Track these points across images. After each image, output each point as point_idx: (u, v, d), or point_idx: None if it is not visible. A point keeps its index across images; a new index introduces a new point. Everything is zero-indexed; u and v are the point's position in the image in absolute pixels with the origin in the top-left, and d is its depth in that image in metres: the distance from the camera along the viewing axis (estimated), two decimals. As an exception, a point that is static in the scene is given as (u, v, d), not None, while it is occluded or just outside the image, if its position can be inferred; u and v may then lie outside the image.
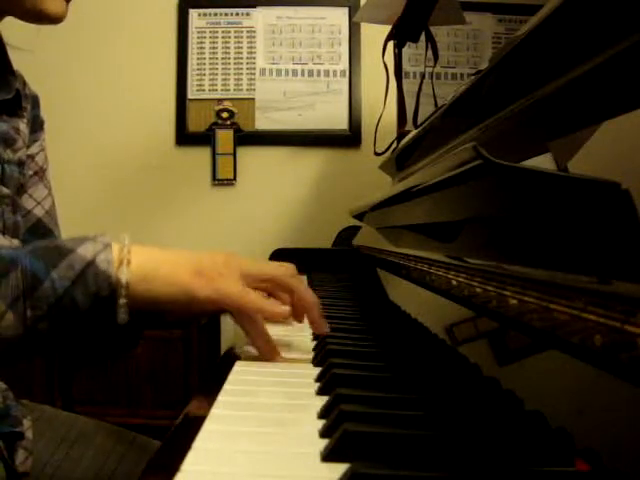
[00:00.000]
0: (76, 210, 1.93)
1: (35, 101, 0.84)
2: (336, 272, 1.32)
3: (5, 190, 0.72)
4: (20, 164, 0.76)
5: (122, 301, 0.49)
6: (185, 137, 2.06)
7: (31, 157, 0.82)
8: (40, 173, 0.84)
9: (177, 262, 0.53)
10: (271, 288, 0.61)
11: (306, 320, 0.62)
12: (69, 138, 2.00)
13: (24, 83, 0.81)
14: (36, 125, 0.84)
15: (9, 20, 0.73)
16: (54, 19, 0.70)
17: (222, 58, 2.07)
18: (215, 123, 2.04)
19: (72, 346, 0.59)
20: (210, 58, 2.08)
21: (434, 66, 1.36)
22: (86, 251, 0.49)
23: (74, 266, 0.49)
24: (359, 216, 1.25)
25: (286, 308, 0.57)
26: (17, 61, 0.78)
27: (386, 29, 1.36)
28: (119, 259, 0.50)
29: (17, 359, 0.61)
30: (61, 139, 1.89)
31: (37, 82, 0.86)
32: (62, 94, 1.99)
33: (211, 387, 0.44)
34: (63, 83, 2.02)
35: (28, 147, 0.80)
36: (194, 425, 0.35)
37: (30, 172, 0.82)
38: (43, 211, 0.84)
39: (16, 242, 0.74)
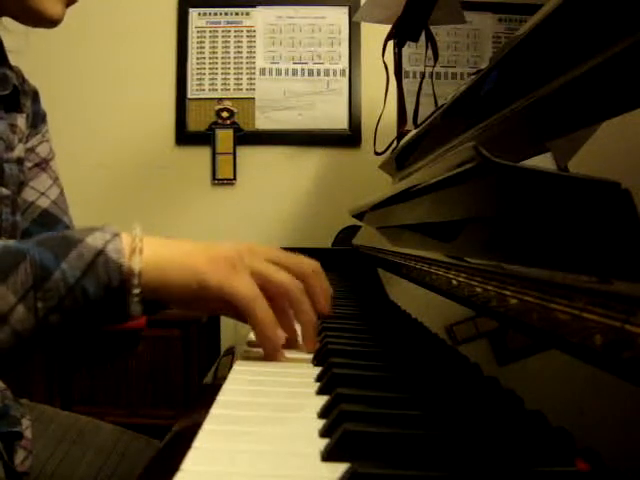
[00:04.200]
0: (76, 209, 1.93)
1: (35, 95, 0.83)
2: (336, 272, 1.32)
3: (5, 191, 0.72)
4: (19, 161, 0.76)
5: (135, 291, 0.48)
6: (185, 136, 2.06)
7: (31, 150, 0.82)
8: (43, 164, 0.84)
9: (192, 249, 0.53)
10: (275, 295, 0.55)
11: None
12: (69, 137, 1.99)
13: (23, 79, 0.81)
14: (37, 119, 0.83)
15: (4, 19, 0.73)
16: (52, 22, 0.70)
17: (222, 58, 2.07)
18: (215, 123, 2.04)
19: (80, 341, 0.57)
20: (210, 57, 2.08)
21: (434, 66, 1.36)
22: (95, 240, 0.49)
23: (84, 256, 0.48)
24: (359, 216, 1.25)
25: (281, 341, 0.53)
26: (16, 60, 0.78)
27: (386, 29, 1.36)
28: (131, 248, 0.49)
29: (25, 357, 0.59)
30: (61, 138, 1.88)
31: (37, 82, 0.86)
32: (62, 94, 1.99)
33: (210, 387, 0.44)
34: (63, 83, 2.02)
35: (27, 141, 0.80)
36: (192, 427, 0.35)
37: (30, 164, 0.81)
38: (49, 201, 0.83)
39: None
